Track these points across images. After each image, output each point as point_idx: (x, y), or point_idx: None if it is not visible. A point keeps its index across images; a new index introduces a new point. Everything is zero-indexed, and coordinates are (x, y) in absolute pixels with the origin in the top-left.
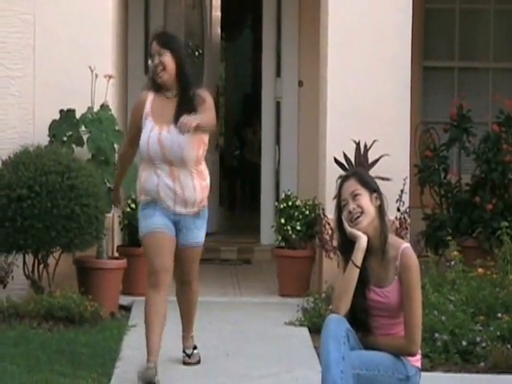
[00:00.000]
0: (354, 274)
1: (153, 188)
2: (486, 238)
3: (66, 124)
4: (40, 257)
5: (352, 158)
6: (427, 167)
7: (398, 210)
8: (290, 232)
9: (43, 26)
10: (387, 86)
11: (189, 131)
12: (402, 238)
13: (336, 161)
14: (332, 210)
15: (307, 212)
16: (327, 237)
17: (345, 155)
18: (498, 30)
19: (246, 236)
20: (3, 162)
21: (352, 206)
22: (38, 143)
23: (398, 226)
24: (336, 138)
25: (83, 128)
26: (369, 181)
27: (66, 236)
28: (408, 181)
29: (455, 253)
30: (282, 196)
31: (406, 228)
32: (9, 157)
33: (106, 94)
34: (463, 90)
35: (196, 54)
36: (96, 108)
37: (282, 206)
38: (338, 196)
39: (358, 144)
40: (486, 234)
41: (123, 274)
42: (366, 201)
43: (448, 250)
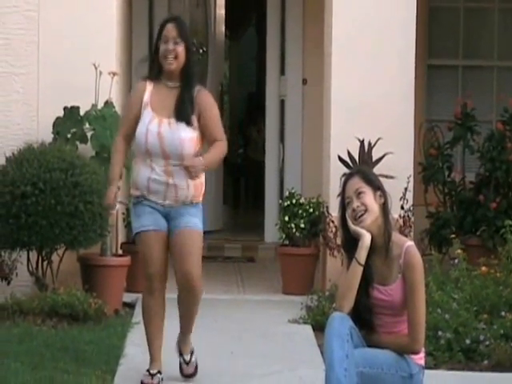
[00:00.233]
0: (358, 271)
1: (144, 182)
2: (489, 236)
3: (69, 121)
4: (44, 254)
5: (356, 156)
6: (431, 165)
7: (402, 208)
8: (294, 230)
9: (47, 23)
10: (391, 84)
11: (197, 177)
12: (406, 236)
13: (340, 159)
14: (336, 208)
15: (311, 210)
16: (331, 235)
17: (349, 153)
18: (503, 29)
19: (249, 234)
20: (7, 159)
21: (356, 204)
22: (42, 140)
23: (402, 224)
24: (340, 136)
25: (87, 125)
26: (373, 179)
27: (69, 233)
28: (412, 179)
29: (459, 251)
30: (286, 194)
31: (410, 226)
32: (13, 153)
33: (110, 91)
34: (467, 89)
35: (200, 52)
36: (100, 105)
37: (285, 203)
38: (342, 194)
39: (362, 142)
40: (489, 232)
41: (127, 271)
42: (370, 199)
43: (452, 249)
